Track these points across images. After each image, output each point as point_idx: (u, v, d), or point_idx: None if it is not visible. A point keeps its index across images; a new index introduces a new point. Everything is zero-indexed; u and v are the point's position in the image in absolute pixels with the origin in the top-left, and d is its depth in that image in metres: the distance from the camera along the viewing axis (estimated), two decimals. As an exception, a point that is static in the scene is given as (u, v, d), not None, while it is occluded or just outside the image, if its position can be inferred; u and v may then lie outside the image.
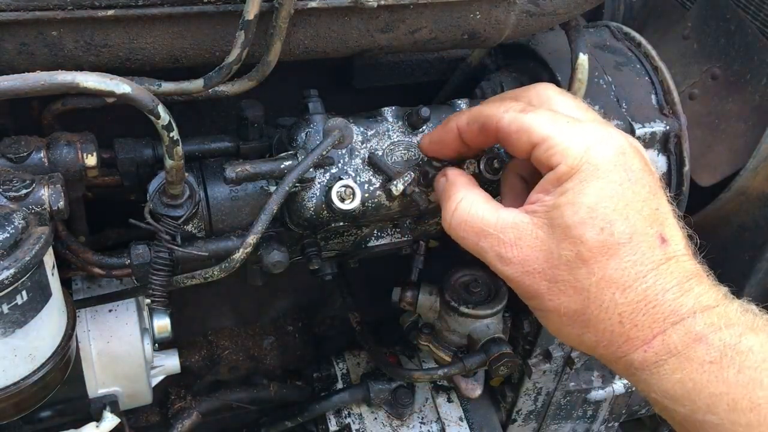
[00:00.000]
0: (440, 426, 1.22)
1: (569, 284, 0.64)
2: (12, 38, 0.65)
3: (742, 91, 1.15)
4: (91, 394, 0.94)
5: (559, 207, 0.64)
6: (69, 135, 0.74)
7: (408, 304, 1.10)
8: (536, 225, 0.65)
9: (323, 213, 0.81)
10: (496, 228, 0.67)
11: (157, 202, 0.76)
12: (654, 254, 0.63)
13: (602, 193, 0.63)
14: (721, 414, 0.59)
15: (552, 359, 1.17)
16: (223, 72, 0.72)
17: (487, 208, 0.69)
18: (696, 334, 0.61)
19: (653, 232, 0.63)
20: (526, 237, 0.66)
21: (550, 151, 0.65)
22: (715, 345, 0.60)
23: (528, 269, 0.66)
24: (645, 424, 1.76)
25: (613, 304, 0.63)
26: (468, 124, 0.73)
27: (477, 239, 0.69)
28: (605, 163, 0.64)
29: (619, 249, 0.62)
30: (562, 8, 0.84)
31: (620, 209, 0.63)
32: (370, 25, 0.77)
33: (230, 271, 0.79)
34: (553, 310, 0.66)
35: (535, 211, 0.66)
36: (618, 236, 0.62)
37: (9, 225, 0.61)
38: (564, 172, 0.64)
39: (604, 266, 0.62)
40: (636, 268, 0.62)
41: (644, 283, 0.62)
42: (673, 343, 0.61)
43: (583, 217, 0.62)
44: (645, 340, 0.62)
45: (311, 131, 0.81)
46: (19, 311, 0.63)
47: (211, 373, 1.36)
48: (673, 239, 0.64)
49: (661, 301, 0.62)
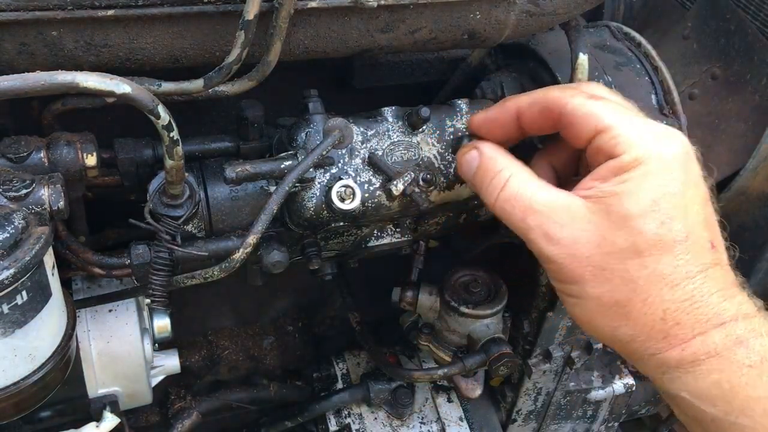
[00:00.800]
0: (440, 426, 1.22)
1: (617, 273, 0.63)
2: (12, 38, 0.65)
3: (742, 91, 1.15)
4: (91, 394, 0.94)
5: (619, 195, 0.63)
6: (69, 135, 0.74)
7: (408, 304, 1.10)
8: (591, 210, 0.64)
9: (323, 213, 0.81)
10: (547, 206, 0.66)
11: (157, 202, 0.76)
12: (705, 257, 0.63)
13: (666, 189, 0.63)
14: (756, 418, 0.60)
15: (552, 359, 1.17)
16: (223, 72, 0.72)
17: (538, 186, 0.68)
18: (737, 337, 0.61)
19: (707, 236, 0.64)
20: (579, 220, 0.65)
21: (616, 140, 0.64)
22: (756, 350, 0.61)
23: (575, 252, 0.65)
24: (645, 424, 1.76)
25: (659, 300, 0.63)
26: (530, 105, 0.72)
27: (524, 216, 0.67)
28: (672, 161, 0.64)
29: (675, 246, 0.62)
30: (562, 8, 0.84)
31: (681, 207, 0.63)
32: (370, 25, 0.77)
33: (230, 271, 0.79)
34: (594, 298, 0.65)
35: (591, 197, 0.65)
36: (676, 233, 0.62)
37: (9, 225, 0.61)
38: (628, 162, 0.63)
39: (657, 260, 0.62)
40: (687, 267, 0.62)
41: (692, 283, 0.62)
42: (714, 344, 0.61)
43: (644, 208, 0.62)
44: (684, 339, 0.62)
45: (311, 131, 0.81)
46: (19, 311, 0.63)
47: (211, 373, 1.36)
48: (720, 247, 0.65)
49: (706, 303, 0.62)
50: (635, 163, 0.63)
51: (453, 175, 0.85)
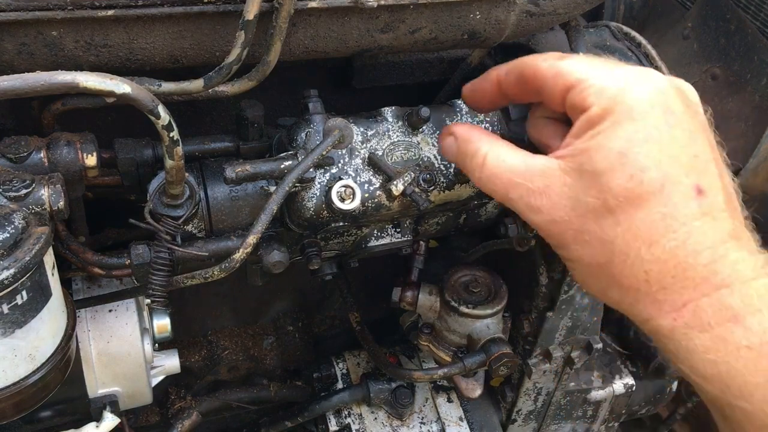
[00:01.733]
0: (440, 426, 1.22)
1: (595, 235, 0.60)
2: (12, 38, 0.65)
3: (742, 91, 1.15)
4: (91, 394, 0.94)
5: (588, 151, 0.60)
6: (69, 135, 0.74)
7: (408, 304, 1.10)
8: (564, 171, 0.61)
9: (323, 213, 0.81)
10: (525, 177, 0.64)
11: (157, 202, 0.76)
12: (688, 207, 0.57)
13: (635, 137, 0.58)
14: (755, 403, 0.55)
15: (552, 359, 1.17)
16: (223, 72, 0.72)
17: (515, 157, 0.66)
18: (732, 312, 0.56)
19: (689, 182, 0.58)
20: (554, 184, 0.62)
21: (585, 92, 0.61)
22: (754, 329, 0.55)
23: (555, 218, 0.62)
24: (645, 424, 1.76)
25: (639, 260, 0.58)
26: (507, 73, 0.71)
27: (506, 191, 0.65)
28: (641, 104, 0.59)
29: (648, 199, 0.57)
30: (562, 8, 0.84)
31: (653, 155, 0.57)
32: (370, 25, 0.77)
33: (230, 271, 0.79)
34: (579, 261, 0.63)
35: (564, 156, 0.62)
36: (648, 184, 0.57)
37: (9, 225, 0.61)
38: (597, 114, 0.60)
39: (632, 217, 0.58)
40: (665, 222, 0.57)
41: (673, 240, 0.57)
42: (707, 317, 0.56)
43: (612, 162, 0.58)
44: (674, 307, 0.58)
45: (311, 131, 0.81)
46: (19, 311, 0.63)
47: (211, 373, 1.36)
48: (712, 191, 0.58)
49: (693, 265, 0.57)
50: (605, 113, 0.59)
51: (453, 175, 0.85)
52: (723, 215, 0.58)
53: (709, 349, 0.56)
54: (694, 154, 0.59)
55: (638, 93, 0.59)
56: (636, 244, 0.58)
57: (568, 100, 0.63)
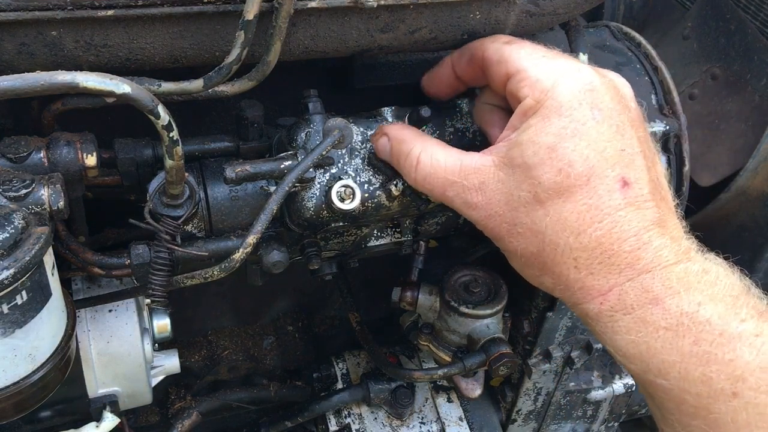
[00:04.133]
0: (440, 426, 1.22)
1: (527, 227, 0.63)
2: (12, 38, 0.65)
3: (742, 91, 1.15)
4: (91, 394, 0.94)
5: (520, 145, 0.62)
6: (69, 135, 0.74)
7: (408, 304, 1.10)
8: (498, 167, 0.64)
9: (323, 213, 0.81)
10: (460, 175, 0.66)
11: (157, 202, 0.76)
12: (612, 199, 0.60)
13: (563, 132, 0.60)
14: (671, 381, 0.58)
15: (552, 359, 1.17)
16: (223, 72, 0.72)
17: (449, 156, 0.68)
18: (653, 295, 0.59)
19: (614, 175, 0.61)
20: (489, 180, 0.64)
21: (522, 83, 0.63)
22: (672, 311, 0.58)
23: (491, 212, 0.65)
24: (645, 424, 1.76)
25: (568, 249, 0.61)
26: (459, 57, 0.73)
27: (443, 190, 0.68)
28: (569, 100, 0.61)
29: (575, 191, 0.60)
30: (562, 8, 0.84)
31: (580, 150, 0.60)
32: (370, 25, 0.77)
33: (230, 271, 0.79)
34: (513, 251, 0.66)
35: (499, 151, 0.64)
36: (575, 178, 0.60)
37: (9, 225, 0.61)
38: (530, 106, 0.62)
39: (560, 208, 0.61)
40: (591, 213, 0.60)
41: (599, 229, 0.60)
42: (630, 300, 0.60)
43: (542, 157, 0.61)
44: (601, 291, 0.61)
45: (311, 131, 0.81)
46: (19, 311, 0.63)
47: (211, 373, 1.36)
48: (638, 183, 0.61)
49: (617, 252, 0.60)
50: (537, 106, 0.61)
51: (453, 175, 0.85)
52: (648, 204, 0.61)
53: (631, 330, 0.60)
54: (620, 148, 0.61)
55: (567, 88, 0.61)
56: (565, 234, 0.61)
57: (508, 88, 0.65)
